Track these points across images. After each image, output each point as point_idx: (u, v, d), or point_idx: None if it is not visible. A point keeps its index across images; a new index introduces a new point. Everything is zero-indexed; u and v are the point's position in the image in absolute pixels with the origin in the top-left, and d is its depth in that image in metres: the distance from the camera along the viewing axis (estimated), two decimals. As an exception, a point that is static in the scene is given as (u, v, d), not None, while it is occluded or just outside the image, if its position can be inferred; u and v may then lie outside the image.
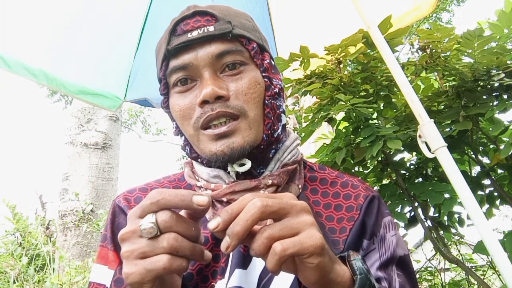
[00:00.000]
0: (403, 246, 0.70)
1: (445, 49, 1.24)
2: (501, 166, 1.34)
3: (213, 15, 0.66)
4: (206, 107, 0.63)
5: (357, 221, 0.68)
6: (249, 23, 0.70)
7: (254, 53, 0.68)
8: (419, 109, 0.94)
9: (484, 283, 1.44)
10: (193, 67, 0.64)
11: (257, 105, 0.66)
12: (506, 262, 0.78)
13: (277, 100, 0.70)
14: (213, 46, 0.64)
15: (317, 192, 0.73)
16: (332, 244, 0.66)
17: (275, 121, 0.69)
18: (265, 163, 0.69)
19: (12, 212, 3.36)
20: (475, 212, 0.83)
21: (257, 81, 0.67)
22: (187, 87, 0.66)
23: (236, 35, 0.66)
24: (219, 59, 0.65)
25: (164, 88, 0.70)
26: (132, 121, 11.40)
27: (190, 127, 0.66)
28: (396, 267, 0.67)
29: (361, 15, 1.07)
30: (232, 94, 0.64)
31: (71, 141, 4.40)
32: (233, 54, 0.65)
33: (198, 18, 0.66)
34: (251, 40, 0.68)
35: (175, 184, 0.77)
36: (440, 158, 0.89)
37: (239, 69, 0.66)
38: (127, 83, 1.67)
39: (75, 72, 1.53)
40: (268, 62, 0.70)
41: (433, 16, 8.20)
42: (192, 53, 0.64)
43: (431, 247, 1.53)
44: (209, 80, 0.63)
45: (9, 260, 2.98)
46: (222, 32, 0.64)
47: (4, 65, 1.34)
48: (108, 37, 1.60)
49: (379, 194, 0.74)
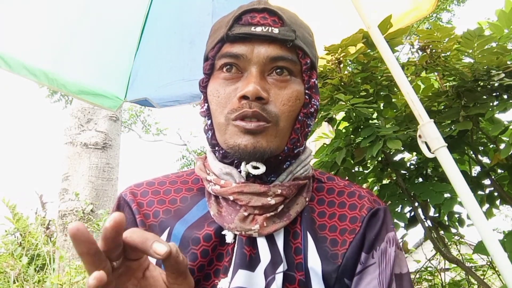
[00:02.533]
0: (403, 264, 0.69)
1: (445, 49, 1.24)
2: (501, 166, 1.34)
3: (280, 17, 0.66)
4: (244, 102, 0.63)
5: (357, 234, 0.67)
6: (309, 38, 0.71)
7: (305, 69, 0.68)
8: (419, 109, 0.94)
9: (484, 283, 1.44)
10: (245, 60, 0.65)
11: (289, 118, 0.66)
12: (506, 262, 0.78)
13: (310, 119, 0.71)
14: (271, 47, 0.65)
15: (323, 202, 0.72)
16: (331, 259, 0.65)
17: (301, 137, 0.70)
18: (277, 173, 0.69)
19: (12, 212, 3.36)
20: (475, 212, 0.83)
21: (298, 96, 0.67)
22: (231, 76, 0.66)
23: (296, 46, 0.66)
24: (272, 62, 0.65)
25: (209, 68, 0.69)
26: (132, 121, 11.41)
27: (222, 116, 0.66)
28: (396, 286, 0.65)
29: (361, 15, 1.07)
30: (271, 99, 0.65)
31: (71, 141, 4.40)
32: (286, 62, 0.66)
33: (266, 15, 0.66)
34: (307, 55, 0.68)
35: (183, 178, 0.77)
36: (440, 158, 0.89)
37: (286, 78, 0.66)
38: (127, 83, 1.67)
39: (75, 72, 1.53)
40: (314, 81, 0.70)
41: (433, 16, 8.20)
42: (249, 46, 0.65)
43: (431, 247, 1.53)
44: (255, 78, 0.63)
45: (9, 260, 2.98)
46: (285, 38, 0.65)
47: (4, 65, 1.34)
48: (108, 37, 1.60)
49: (387, 207, 0.73)
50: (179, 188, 0.74)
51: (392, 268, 0.66)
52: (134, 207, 0.71)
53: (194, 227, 0.68)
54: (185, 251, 0.66)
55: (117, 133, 4.69)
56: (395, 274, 0.66)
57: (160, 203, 0.72)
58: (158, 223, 0.69)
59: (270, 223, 0.65)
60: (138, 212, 0.70)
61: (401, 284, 0.66)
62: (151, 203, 0.72)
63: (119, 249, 0.46)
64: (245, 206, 0.66)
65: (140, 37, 1.65)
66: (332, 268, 0.65)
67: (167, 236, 0.68)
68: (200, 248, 0.66)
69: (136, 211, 0.71)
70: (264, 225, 0.65)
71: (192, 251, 0.66)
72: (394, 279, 0.66)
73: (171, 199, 0.72)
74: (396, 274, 0.67)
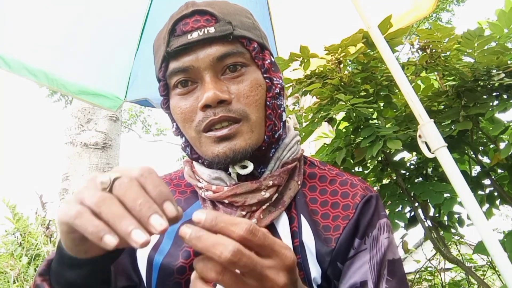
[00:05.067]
0: (394, 250, 0.69)
1: (445, 49, 1.24)
2: (501, 166, 1.34)
3: (212, 14, 0.65)
4: (208, 111, 0.63)
5: (351, 220, 0.67)
6: (249, 21, 0.69)
7: (255, 54, 0.67)
8: (419, 109, 0.94)
9: (484, 283, 1.44)
10: (194, 70, 0.64)
11: (258, 108, 0.66)
12: (506, 262, 0.78)
13: (278, 99, 0.70)
14: (213, 48, 0.63)
15: (315, 189, 0.72)
16: (324, 242, 0.66)
17: (276, 121, 0.69)
18: (266, 162, 0.69)
19: (12, 212, 3.36)
20: (475, 212, 0.83)
21: (258, 83, 0.66)
22: (187, 89, 0.65)
23: (237, 36, 0.65)
24: (220, 62, 0.64)
25: (164, 89, 0.69)
26: (132, 121, 11.40)
27: (192, 130, 0.65)
28: (387, 272, 0.66)
29: (361, 15, 1.07)
30: (233, 97, 0.64)
31: (71, 141, 4.40)
32: (234, 56, 0.64)
33: (197, 18, 0.65)
34: (251, 40, 0.67)
35: (176, 182, 0.77)
36: (440, 158, 0.89)
37: (240, 71, 0.65)
38: (127, 83, 1.67)
39: (75, 72, 1.53)
40: (269, 62, 0.69)
41: (433, 16, 8.20)
42: (192, 55, 0.63)
43: (431, 247, 1.53)
44: (211, 83, 0.62)
45: (9, 260, 2.98)
46: (223, 34, 0.63)
47: (4, 65, 1.34)
48: (108, 37, 1.60)
49: (378, 194, 0.73)
50: (173, 191, 0.75)
51: (384, 254, 0.66)
52: None
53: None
54: (178, 248, 0.66)
55: (117, 133, 4.68)
56: (388, 260, 0.67)
57: None
58: None
59: (266, 214, 0.66)
60: None
61: (393, 269, 0.67)
62: None
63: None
64: (241, 206, 0.66)
65: (140, 37, 1.65)
66: (326, 251, 0.65)
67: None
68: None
69: None
70: (261, 217, 0.65)
71: (185, 248, 0.66)
72: (387, 265, 0.66)
73: None
74: (389, 260, 0.67)
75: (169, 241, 0.67)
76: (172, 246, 0.66)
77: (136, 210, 0.39)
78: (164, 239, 0.67)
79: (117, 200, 0.40)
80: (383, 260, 0.66)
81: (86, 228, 0.40)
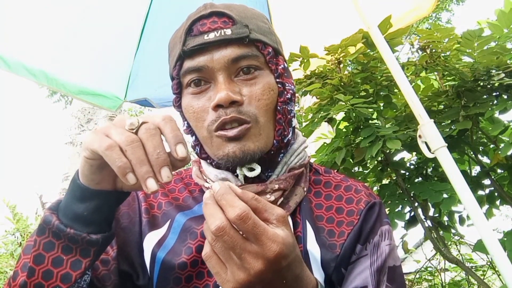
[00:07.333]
0: (395, 257, 0.69)
1: (445, 49, 1.25)
2: (501, 166, 1.34)
3: (230, 16, 0.65)
4: (220, 111, 0.63)
5: (355, 226, 0.68)
6: (265, 26, 0.70)
7: (270, 58, 0.68)
8: (419, 109, 0.94)
9: (484, 283, 1.44)
10: (208, 70, 0.64)
11: (268, 111, 0.66)
12: (506, 262, 0.78)
13: (289, 105, 0.70)
14: (229, 50, 0.64)
15: (320, 195, 0.73)
16: (329, 248, 0.66)
17: (286, 126, 0.69)
18: (273, 167, 0.70)
19: (12, 212, 3.36)
20: (475, 212, 0.83)
21: (270, 87, 0.67)
22: (200, 89, 0.66)
23: (253, 40, 0.65)
24: (234, 63, 0.64)
25: (177, 87, 0.70)
26: (132, 121, 11.38)
27: (203, 129, 0.66)
28: (387, 278, 0.66)
29: (361, 15, 1.07)
30: (245, 99, 0.64)
31: (71, 141, 4.40)
32: (248, 59, 0.65)
33: (215, 19, 0.65)
34: (267, 44, 0.68)
35: (187, 180, 0.78)
36: (440, 158, 0.89)
37: (254, 74, 0.66)
38: (127, 83, 1.67)
39: (75, 73, 1.53)
40: (282, 67, 0.70)
41: (433, 15, 8.20)
42: (207, 55, 0.64)
43: (431, 247, 1.53)
44: (224, 84, 0.63)
45: (9, 260, 2.98)
46: (239, 36, 0.64)
47: (4, 65, 1.34)
48: (108, 37, 1.60)
49: (381, 201, 0.74)
50: (182, 188, 0.76)
51: (384, 260, 0.67)
52: (141, 195, 0.73)
53: (194, 221, 0.69)
54: (182, 244, 0.67)
55: (117, 133, 4.68)
56: (389, 267, 0.67)
57: (164, 195, 0.73)
58: (161, 215, 0.71)
59: None
60: (144, 200, 0.72)
61: (393, 276, 0.67)
62: (156, 195, 0.73)
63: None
64: None
65: (140, 37, 1.65)
66: (330, 257, 0.66)
67: (168, 226, 0.69)
68: (196, 243, 0.66)
69: (142, 199, 0.72)
70: None
71: (189, 245, 0.67)
72: (387, 271, 0.67)
73: (175, 197, 0.74)
74: (390, 267, 0.67)
75: (174, 236, 0.68)
76: (177, 242, 0.67)
77: (153, 157, 0.46)
78: (169, 234, 0.68)
79: (141, 144, 0.46)
80: (384, 267, 0.66)
81: (114, 161, 0.45)
